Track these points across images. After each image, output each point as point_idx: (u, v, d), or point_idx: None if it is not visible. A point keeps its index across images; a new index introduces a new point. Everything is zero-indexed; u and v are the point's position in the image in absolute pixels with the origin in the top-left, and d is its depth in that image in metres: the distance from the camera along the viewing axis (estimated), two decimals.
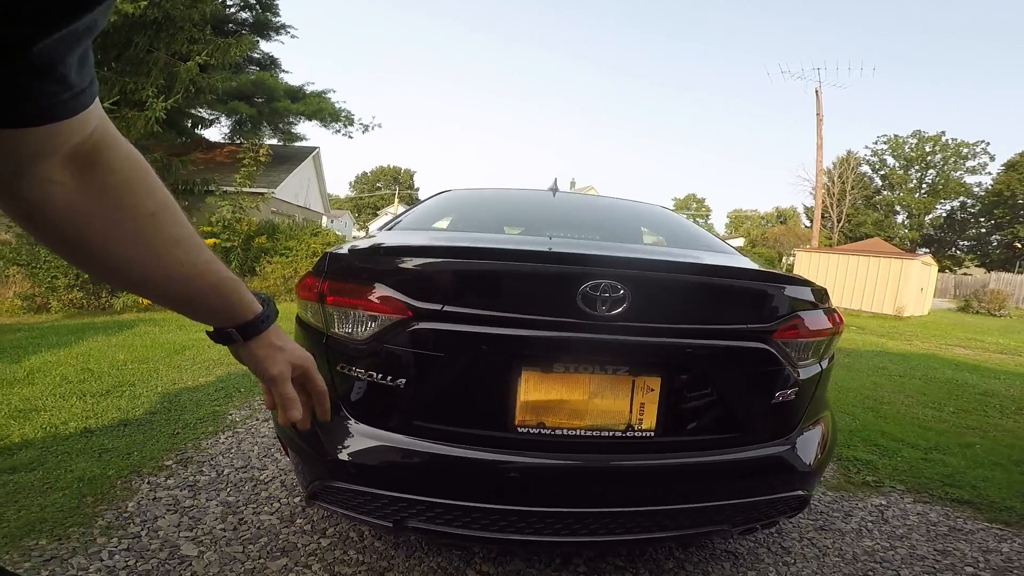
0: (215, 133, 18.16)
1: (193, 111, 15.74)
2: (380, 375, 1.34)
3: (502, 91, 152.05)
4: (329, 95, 16.96)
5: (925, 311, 15.49)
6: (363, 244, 1.55)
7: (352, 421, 1.39)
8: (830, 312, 1.61)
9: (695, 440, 1.41)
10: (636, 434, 1.33)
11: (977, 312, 18.22)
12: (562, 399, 1.30)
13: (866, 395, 4.69)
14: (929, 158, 48.00)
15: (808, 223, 46.59)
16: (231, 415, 3.09)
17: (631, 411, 1.32)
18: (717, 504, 1.39)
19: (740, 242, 55.03)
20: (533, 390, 1.30)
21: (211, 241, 8.69)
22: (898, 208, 49.58)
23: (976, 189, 45.65)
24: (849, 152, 49.94)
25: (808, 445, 1.53)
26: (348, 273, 1.43)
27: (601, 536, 1.32)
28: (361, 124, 17.10)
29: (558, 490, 1.31)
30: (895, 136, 49.76)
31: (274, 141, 18.04)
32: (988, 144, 46.09)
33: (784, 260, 33.75)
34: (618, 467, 1.34)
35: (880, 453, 3.13)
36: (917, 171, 49.05)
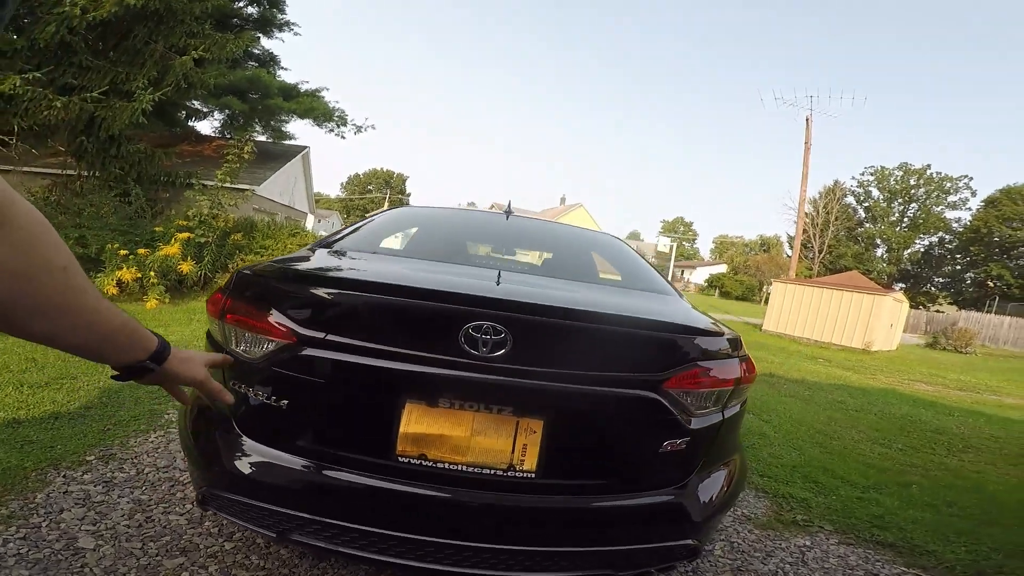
0: (207, 126, 17.99)
1: (188, 103, 15.68)
2: (267, 395, 1.38)
3: (497, 108, 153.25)
4: (322, 94, 16.97)
5: (894, 346, 15.78)
6: (269, 266, 1.58)
7: (240, 436, 1.42)
8: (741, 361, 1.59)
9: (577, 484, 1.41)
10: (517, 474, 1.33)
11: (944, 349, 18.61)
12: (443, 434, 1.31)
13: (818, 429, 4.75)
14: (913, 191, 49.03)
15: (791, 252, 47.40)
16: (168, 415, 3.05)
17: (513, 451, 1.33)
18: (598, 550, 1.39)
19: (722, 268, 55.76)
20: (415, 423, 1.31)
21: (185, 235, 8.56)
22: (879, 241, 50.49)
23: (955, 225, 46.74)
24: (836, 182, 51.02)
25: (701, 495, 1.52)
26: (248, 294, 1.47)
27: (481, 570, 1.32)
28: (354, 125, 17.12)
29: (438, 521, 1.32)
30: (882, 168, 50.79)
31: (263, 138, 17.97)
32: (971, 179, 47.39)
33: (764, 289, 34.18)
34: (498, 505, 1.34)
35: (817, 491, 3.15)
36: (900, 204, 50.05)
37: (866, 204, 51.70)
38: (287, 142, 18.70)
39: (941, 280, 47.49)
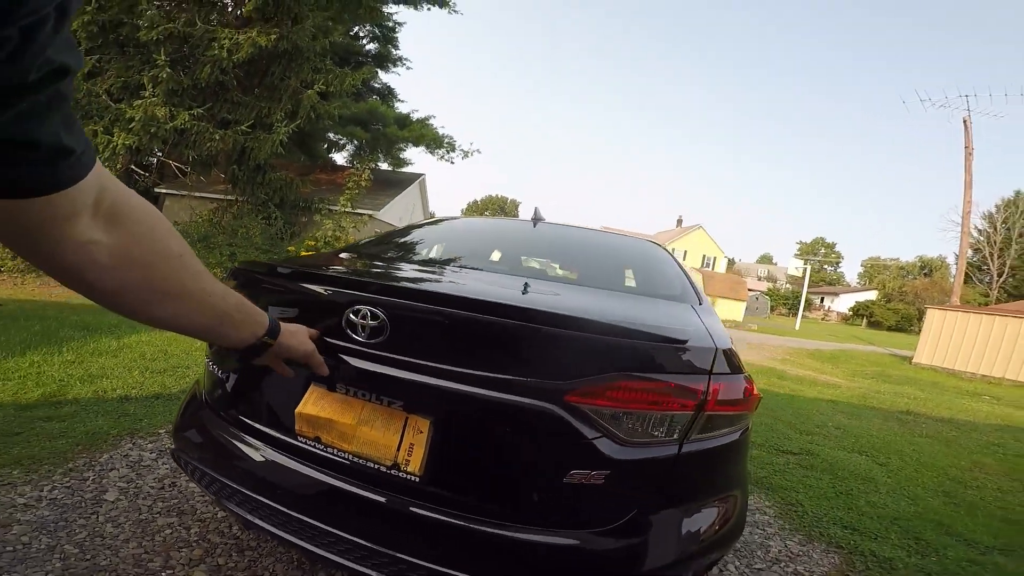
0: (341, 158, 20.14)
1: (327, 135, 17.73)
2: (218, 369, 1.56)
3: (619, 133, 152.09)
4: (431, 121, 18.16)
5: None
6: (242, 264, 1.75)
7: (203, 406, 1.61)
8: (709, 381, 1.25)
9: (464, 501, 1.23)
10: (401, 474, 1.24)
11: None
12: (332, 419, 1.28)
13: (952, 476, 3.96)
14: None
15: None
16: None
17: (399, 449, 1.24)
18: None
19: (872, 295, 49.18)
20: (312, 404, 1.31)
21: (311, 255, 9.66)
22: None
23: None
24: (1018, 193, 42.94)
25: (635, 547, 1.21)
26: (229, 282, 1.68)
27: (363, 567, 1.22)
28: (461, 150, 18.05)
29: (325, 506, 1.29)
30: None
31: (384, 166, 19.62)
32: None
33: (923, 317, 29.61)
34: (378, 502, 1.25)
35: (915, 550, 2.56)
36: None
37: None
38: (405, 169, 20.22)
39: None
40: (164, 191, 16.38)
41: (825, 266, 70.10)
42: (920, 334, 14.29)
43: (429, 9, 15.53)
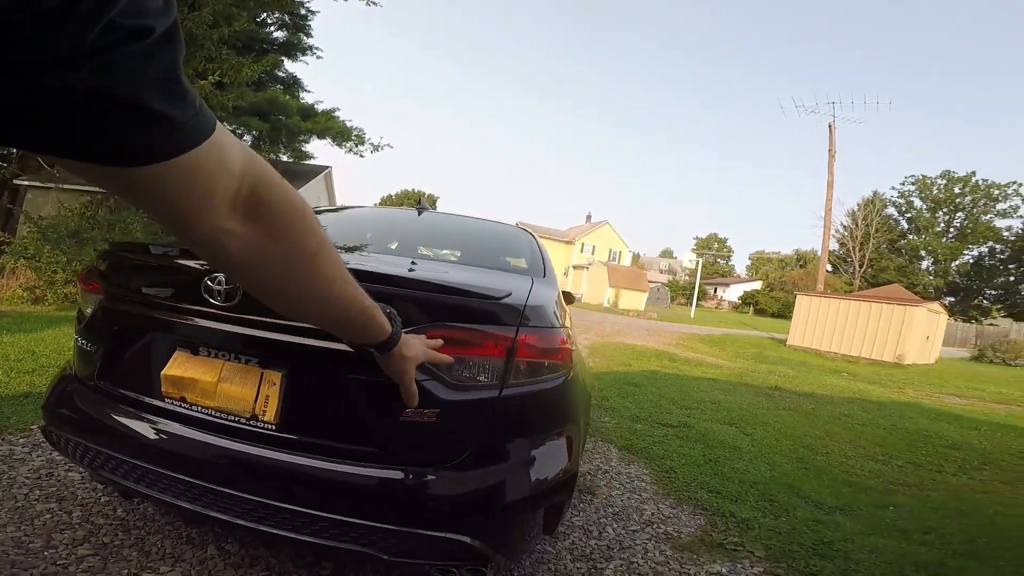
0: None
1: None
2: (86, 343, 1.63)
3: (525, 129, 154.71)
4: (336, 113, 17.55)
5: (932, 359, 15.01)
6: (112, 245, 1.81)
7: (73, 379, 1.67)
8: (518, 332, 1.40)
9: (319, 444, 1.36)
10: (259, 424, 1.37)
11: (991, 362, 17.60)
12: (195, 378, 1.38)
13: (806, 444, 4.52)
14: (958, 200, 46.86)
15: (830, 267, 45.56)
16: None
17: (256, 401, 1.36)
18: (352, 522, 1.29)
19: (757, 285, 54.22)
20: (177, 367, 1.41)
21: None
22: (923, 253, 48.32)
23: (1006, 234, 44.06)
24: (875, 193, 49.30)
25: (475, 482, 1.35)
26: (94, 265, 1.76)
27: (241, 520, 1.33)
28: (371, 143, 17.58)
29: (196, 462, 1.38)
30: (923, 177, 48.74)
31: (285, 158, 18.65)
32: (1021, 185, 44.40)
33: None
34: (240, 452, 1.36)
35: (768, 511, 2.88)
36: (945, 214, 47.88)
37: (908, 215, 49.74)
38: (309, 162, 19.35)
39: (994, 292, 44.79)
40: (26, 183, 14.54)
41: (718, 259, 76.01)
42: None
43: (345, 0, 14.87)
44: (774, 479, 3.45)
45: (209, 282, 1.38)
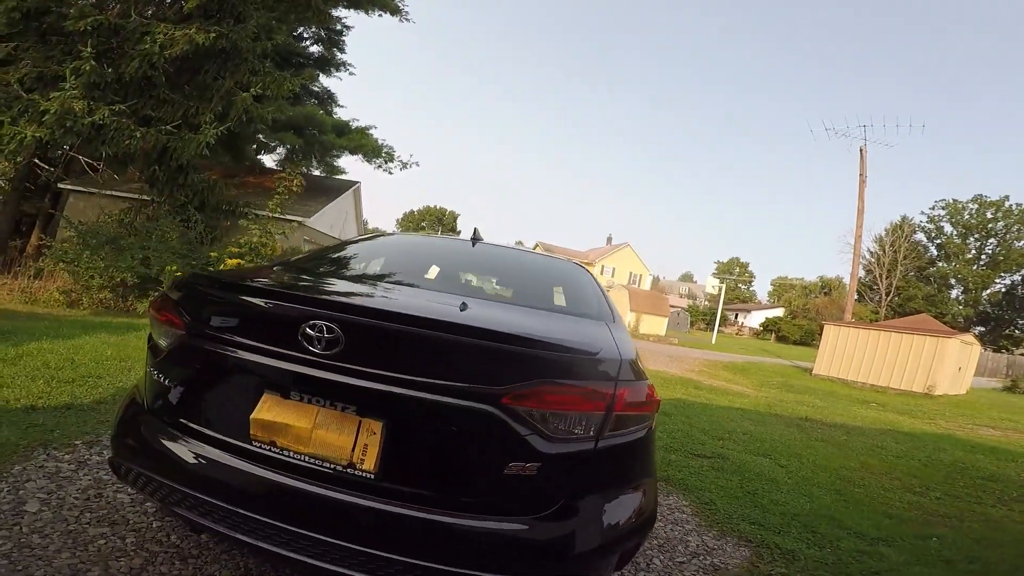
0: (271, 160, 19.30)
1: (257, 137, 16.90)
2: (165, 378, 1.58)
3: (549, 150, 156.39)
4: (372, 131, 17.89)
5: (963, 390, 14.54)
6: (192, 273, 1.83)
7: (146, 413, 1.62)
8: (616, 387, 1.46)
9: (417, 494, 1.37)
10: (357, 473, 1.36)
11: None
12: (288, 424, 1.38)
13: (842, 476, 4.44)
14: (991, 225, 45.18)
15: (856, 295, 44.49)
16: None
17: (354, 449, 1.36)
18: (438, 568, 1.32)
19: (780, 312, 53.18)
20: (267, 411, 1.40)
21: (235, 261, 9.19)
22: (953, 281, 46.65)
23: None
24: (903, 218, 47.92)
25: (567, 531, 1.39)
26: (171, 294, 1.72)
27: (319, 561, 1.32)
28: (400, 161, 17.91)
29: (281, 506, 1.37)
30: (954, 201, 47.04)
31: (317, 172, 19.06)
32: None
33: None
34: (335, 499, 1.35)
35: (812, 543, 2.89)
36: (976, 240, 46.16)
37: (938, 241, 48.14)
38: (339, 177, 19.73)
39: None
40: (69, 187, 15.03)
41: (740, 284, 75.07)
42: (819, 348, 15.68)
43: (380, 16, 15.26)
44: (814, 511, 3.41)
45: (309, 329, 1.38)
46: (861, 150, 20.21)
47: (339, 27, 16.94)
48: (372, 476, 1.35)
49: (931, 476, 4.79)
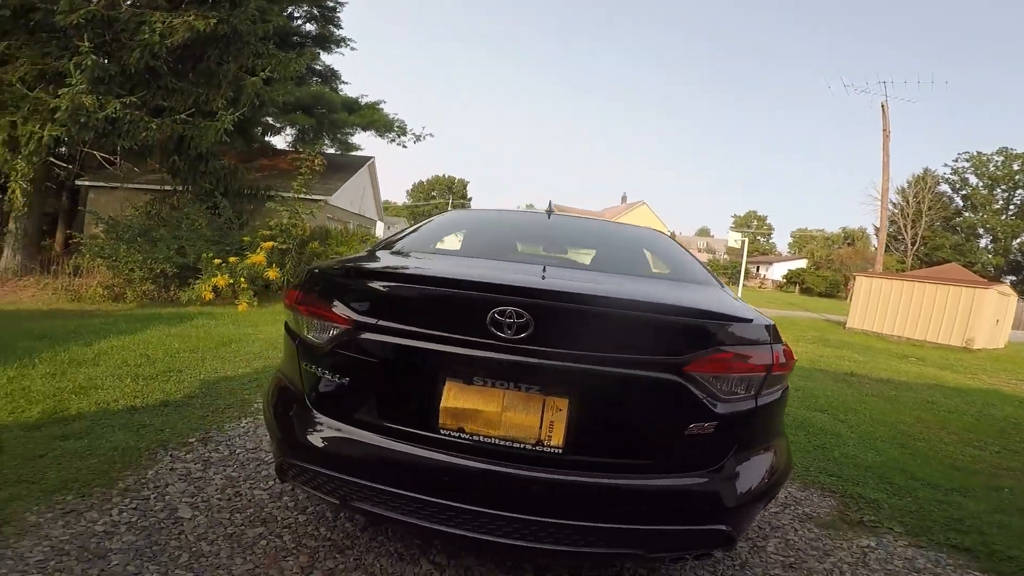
0: (280, 141, 19.21)
1: (262, 120, 16.80)
2: (331, 373, 1.58)
3: (554, 109, 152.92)
4: (381, 106, 17.68)
5: (1001, 344, 14.32)
6: (334, 263, 1.80)
7: (311, 411, 1.62)
8: (773, 348, 1.59)
9: (603, 462, 1.47)
10: (545, 449, 1.43)
11: None
12: (478, 409, 1.43)
13: (902, 431, 4.46)
14: (1017, 177, 44.10)
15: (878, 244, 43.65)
16: (257, 403, 3.37)
17: (541, 427, 1.42)
18: (627, 528, 1.43)
19: (802, 263, 52.50)
20: (453, 399, 1.45)
21: (269, 244, 9.29)
22: (981, 231, 45.76)
23: None
24: (926, 170, 46.77)
25: (735, 481, 1.53)
26: (316, 287, 1.69)
27: (510, 539, 1.40)
28: (413, 134, 17.75)
29: (474, 490, 1.43)
30: (978, 153, 45.91)
31: (332, 150, 18.95)
32: None
33: (850, 284, 31.98)
34: (528, 477, 1.42)
35: (891, 492, 2.99)
36: (1004, 191, 45.12)
37: (963, 192, 47.03)
38: (353, 153, 19.63)
39: None
40: (88, 183, 15.18)
41: (759, 237, 73.99)
42: (848, 300, 15.43)
43: None
44: (885, 463, 3.47)
45: (498, 315, 1.42)
46: (883, 106, 19.59)
47: (331, 3, 16.65)
48: (560, 450, 1.42)
49: (985, 431, 4.79)
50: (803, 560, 2.17)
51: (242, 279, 8.53)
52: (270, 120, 17.19)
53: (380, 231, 22.86)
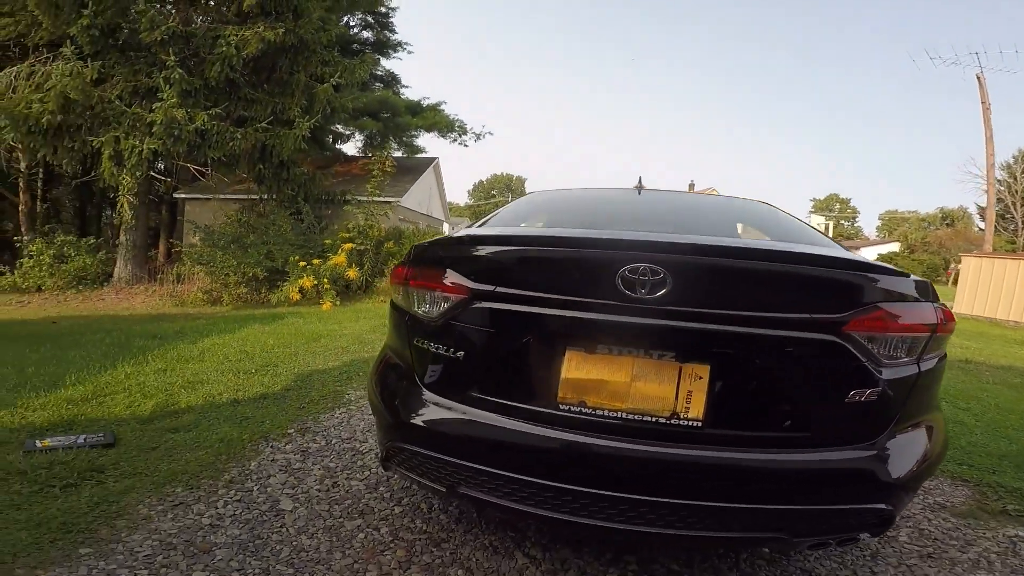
0: (351, 148, 20.11)
1: (332, 127, 17.63)
2: (444, 348, 1.49)
3: (618, 94, 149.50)
4: (442, 107, 18.13)
5: None
6: (441, 238, 1.74)
7: (422, 389, 1.55)
8: (932, 307, 1.42)
9: (749, 436, 1.32)
10: (682, 423, 1.28)
11: None
12: (603, 379, 1.31)
13: None
14: None
15: (983, 225, 39.38)
16: (348, 395, 3.48)
17: (677, 398, 1.28)
18: (772, 508, 1.28)
19: (895, 247, 48.36)
20: (575, 369, 1.33)
21: (349, 245, 9.77)
22: None
23: None
24: None
25: (896, 454, 1.35)
26: (426, 261, 1.63)
27: (638, 526, 1.28)
28: (473, 133, 17.99)
29: (597, 471, 1.31)
30: None
31: (399, 153, 19.54)
32: None
33: (952, 268, 29.19)
34: (661, 454, 1.28)
35: None
36: None
37: None
38: (419, 155, 20.13)
39: None
40: (184, 196, 16.47)
41: (841, 221, 68.98)
42: (951, 284, 14.06)
43: None
44: (1019, 452, 3.13)
45: (629, 273, 1.30)
46: (978, 77, 17.58)
47: (384, 9, 17.22)
48: (699, 424, 1.29)
49: None
50: (943, 550, 1.97)
51: (325, 280, 8.97)
52: (340, 128, 18.02)
53: (447, 231, 23.31)
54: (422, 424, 1.50)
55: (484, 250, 1.54)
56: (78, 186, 15.22)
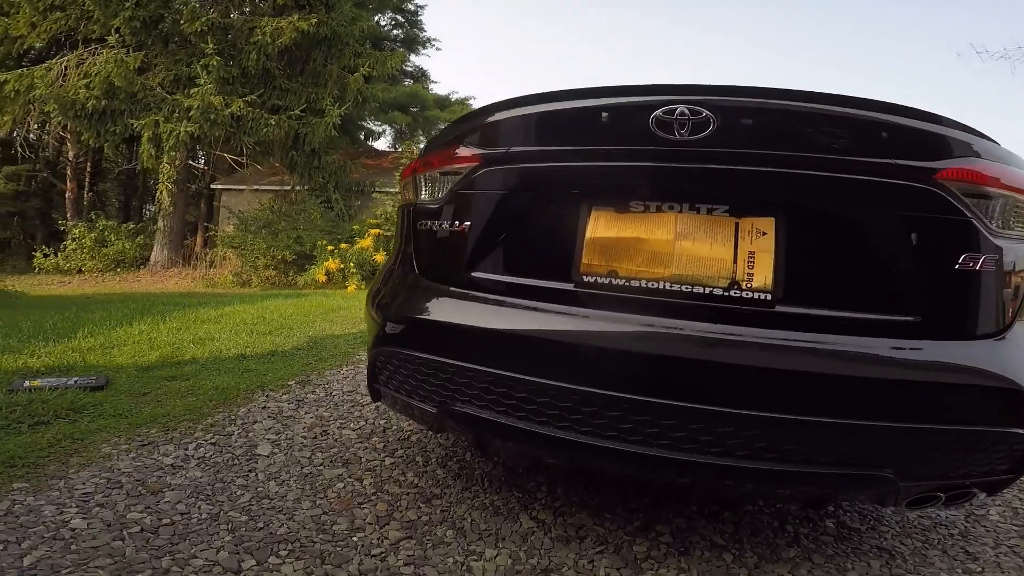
0: (381, 144, 20.56)
1: (363, 122, 17.99)
2: (447, 224, 1.28)
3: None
4: (470, 102, 18.55)
5: None
6: (454, 120, 1.58)
7: (418, 277, 1.34)
8: None
9: (840, 318, 0.96)
10: (745, 294, 0.96)
11: None
12: (639, 238, 1.02)
13: None
14: None
15: None
16: (360, 356, 3.26)
17: (735, 261, 0.96)
18: (879, 427, 0.90)
19: None
20: (603, 229, 1.06)
21: (375, 231, 9.84)
22: None
23: None
24: None
25: None
26: (435, 144, 1.48)
27: (686, 454, 0.93)
28: None
29: (629, 367, 0.98)
30: None
31: None
32: None
33: None
34: (719, 339, 0.95)
35: None
36: None
37: None
38: None
39: None
40: (220, 187, 16.84)
41: None
42: None
43: None
44: None
45: (665, 115, 1.01)
46: None
47: (412, 7, 17.79)
48: (768, 296, 0.96)
49: None
50: None
51: (351, 264, 9.07)
52: (370, 124, 18.38)
53: None
54: (414, 317, 1.29)
55: (498, 115, 1.31)
56: (123, 180, 15.79)
